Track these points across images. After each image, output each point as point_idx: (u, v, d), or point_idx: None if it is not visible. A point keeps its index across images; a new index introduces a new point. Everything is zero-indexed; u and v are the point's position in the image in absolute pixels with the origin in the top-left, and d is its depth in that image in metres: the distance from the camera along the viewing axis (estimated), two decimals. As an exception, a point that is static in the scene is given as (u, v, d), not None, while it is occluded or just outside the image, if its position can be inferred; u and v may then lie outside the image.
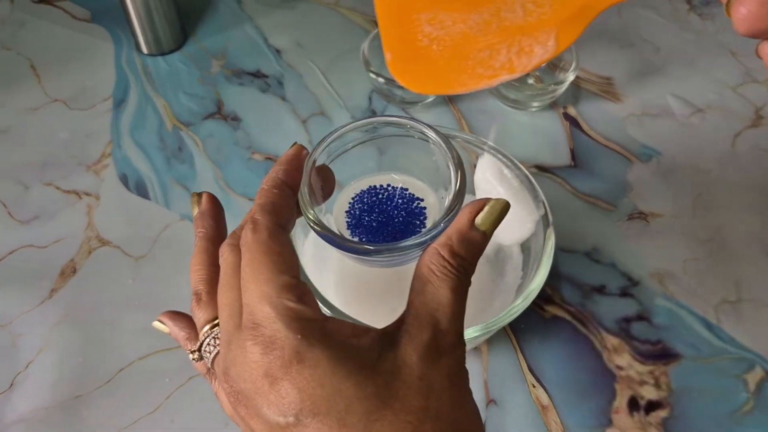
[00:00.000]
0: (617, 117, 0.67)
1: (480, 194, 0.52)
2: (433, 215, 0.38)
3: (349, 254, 0.35)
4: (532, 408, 0.50)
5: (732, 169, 0.63)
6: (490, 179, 0.50)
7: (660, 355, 0.52)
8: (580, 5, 0.28)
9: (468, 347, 0.52)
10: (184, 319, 0.35)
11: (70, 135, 0.67)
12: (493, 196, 0.50)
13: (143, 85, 0.71)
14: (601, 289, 0.56)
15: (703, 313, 0.54)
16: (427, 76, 0.32)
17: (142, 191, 0.62)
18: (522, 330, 0.53)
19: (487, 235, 0.31)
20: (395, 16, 0.30)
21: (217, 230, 0.35)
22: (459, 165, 0.35)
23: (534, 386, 0.51)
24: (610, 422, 0.49)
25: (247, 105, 0.68)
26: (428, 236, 0.32)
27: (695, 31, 0.76)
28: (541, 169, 0.63)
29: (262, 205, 0.31)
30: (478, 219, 0.31)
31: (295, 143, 0.35)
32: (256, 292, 0.28)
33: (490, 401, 0.50)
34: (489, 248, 0.53)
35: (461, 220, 0.31)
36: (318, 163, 0.36)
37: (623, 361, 0.52)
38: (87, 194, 0.62)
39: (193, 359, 0.33)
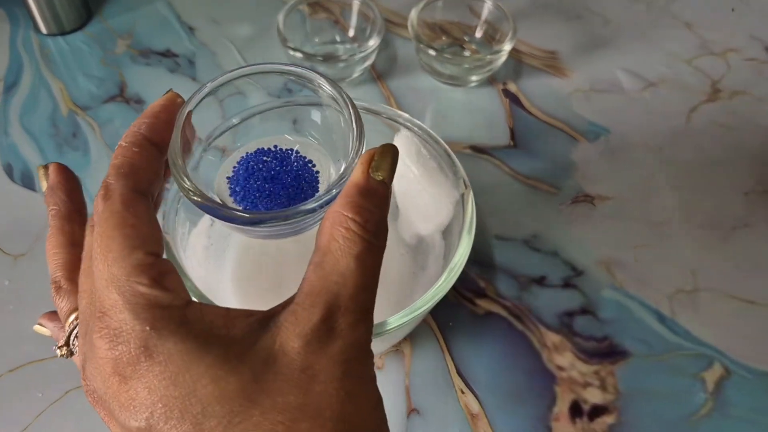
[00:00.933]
0: (562, 93, 0.61)
1: (396, 176, 0.46)
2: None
3: (233, 225, 0.29)
4: (460, 416, 0.43)
5: (687, 147, 0.57)
6: (404, 158, 0.44)
7: (606, 353, 0.46)
8: None
9: (385, 347, 0.45)
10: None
11: (-47, 122, 0.59)
12: (410, 178, 0.44)
13: (38, 67, 0.63)
14: (540, 281, 0.49)
15: (655, 304, 0.48)
16: None
17: (27, 182, 0.55)
18: (450, 328, 0.47)
19: (386, 184, 0.27)
20: None
21: (72, 205, 0.30)
22: (357, 119, 0.30)
23: (463, 392, 0.44)
24: (549, 430, 0.43)
25: (152, 86, 0.61)
26: (323, 199, 0.28)
27: (646, 2, 0.70)
28: (477, 149, 0.57)
29: (117, 166, 0.26)
30: (373, 167, 0.27)
31: (169, 90, 0.30)
32: (104, 275, 0.24)
33: (412, 410, 0.43)
34: (408, 238, 0.47)
35: (356, 173, 0.27)
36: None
37: (565, 360, 0.46)
38: (-36, 187, 0.55)
39: (61, 355, 0.28)
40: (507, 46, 0.58)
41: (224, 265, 0.46)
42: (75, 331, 0.27)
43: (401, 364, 0.45)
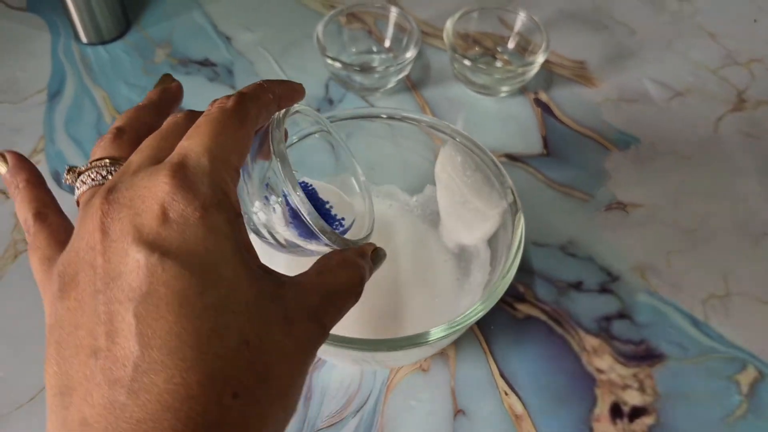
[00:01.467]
0: (592, 102, 0.63)
1: (440, 186, 0.48)
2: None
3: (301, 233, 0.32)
4: (504, 418, 0.45)
5: (715, 155, 0.59)
6: (450, 173, 0.46)
7: (644, 356, 0.48)
8: None
9: (432, 351, 0.47)
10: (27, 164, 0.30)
11: (-3, 129, 0.61)
12: (454, 190, 0.46)
13: (81, 76, 0.65)
14: (578, 286, 0.51)
15: (689, 309, 0.50)
16: None
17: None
18: (492, 332, 0.48)
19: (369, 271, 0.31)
20: None
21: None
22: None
23: (506, 394, 0.46)
24: (591, 431, 0.44)
25: (193, 95, 0.63)
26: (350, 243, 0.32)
27: (671, 13, 0.72)
28: (512, 158, 0.59)
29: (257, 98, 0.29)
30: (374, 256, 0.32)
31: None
32: (204, 143, 0.25)
33: (459, 411, 0.45)
34: (451, 247, 0.48)
35: (367, 248, 0.32)
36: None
37: (604, 363, 0.47)
38: (14, 193, 0.56)
39: (66, 180, 0.29)
40: (540, 58, 0.59)
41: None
42: (97, 170, 0.27)
43: (446, 366, 0.47)
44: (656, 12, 0.72)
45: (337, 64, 0.60)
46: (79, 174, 0.28)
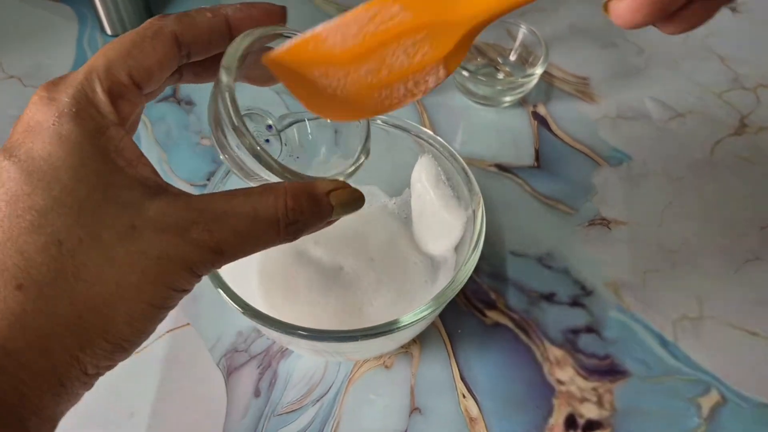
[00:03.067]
0: (590, 118, 0.63)
1: (414, 194, 0.49)
2: None
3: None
4: (459, 419, 0.46)
5: (708, 178, 0.59)
6: (425, 183, 0.47)
7: (607, 371, 0.48)
8: (456, 40, 0.29)
9: (395, 346, 0.48)
10: None
11: (20, 112, 0.65)
12: (426, 200, 0.47)
13: (102, 65, 0.69)
14: (549, 297, 0.52)
15: (659, 328, 0.50)
16: (342, 111, 0.31)
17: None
18: (459, 336, 0.50)
19: (331, 211, 0.29)
20: (293, 77, 0.30)
21: None
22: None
23: (464, 396, 0.47)
24: (543, 440, 0.45)
25: (204, 89, 0.66)
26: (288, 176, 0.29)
27: (683, 34, 0.71)
28: (502, 168, 0.60)
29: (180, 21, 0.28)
30: (336, 194, 0.29)
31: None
32: (96, 57, 0.27)
33: (415, 409, 0.46)
34: (421, 257, 0.50)
35: (323, 184, 0.29)
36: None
37: (565, 375, 0.48)
38: (27, 171, 0.60)
39: None
40: (538, 70, 0.60)
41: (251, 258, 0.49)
42: None
43: (409, 365, 0.48)
44: (668, 32, 0.71)
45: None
46: None
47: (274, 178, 0.29)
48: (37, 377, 0.23)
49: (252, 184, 0.30)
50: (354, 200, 0.29)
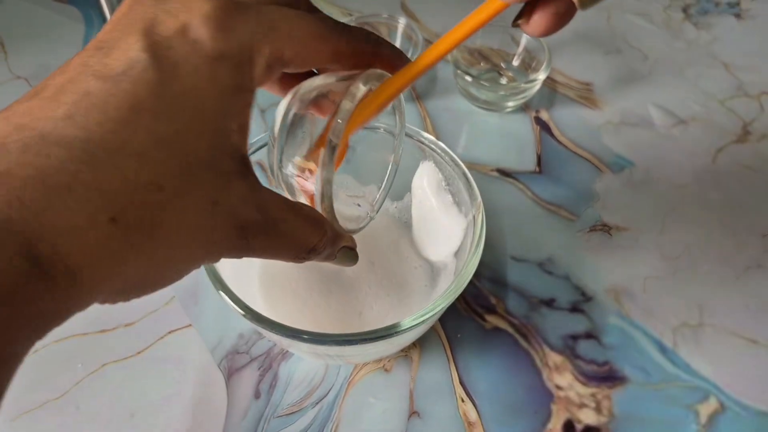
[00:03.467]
0: (593, 124, 0.63)
1: (415, 200, 0.50)
2: None
3: None
4: (457, 423, 0.46)
5: (710, 185, 0.59)
6: (426, 189, 0.48)
7: (605, 377, 0.48)
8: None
9: (395, 350, 0.48)
10: None
11: (27, 112, 0.65)
12: (426, 206, 0.48)
13: (108, 67, 0.69)
14: (549, 303, 0.52)
15: (659, 335, 0.50)
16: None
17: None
18: (458, 340, 0.50)
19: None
20: None
21: None
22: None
23: (463, 400, 0.47)
24: (541, 445, 0.45)
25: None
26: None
27: (687, 41, 0.71)
28: (503, 173, 0.60)
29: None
30: (343, 252, 0.32)
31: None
32: (279, 10, 0.25)
33: (414, 413, 0.47)
34: (421, 261, 0.50)
35: (346, 239, 0.31)
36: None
37: (564, 380, 0.48)
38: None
39: None
40: (541, 75, 0.60)
41: (252, 261, 0.50)
42: None
43: (408, 368, 0.48)
44: (672, 39, 0.72)
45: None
46: None
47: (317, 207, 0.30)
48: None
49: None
50: (350, 259, 0.32)
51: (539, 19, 0.31)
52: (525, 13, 0.31)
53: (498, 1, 0.30)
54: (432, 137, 0.47)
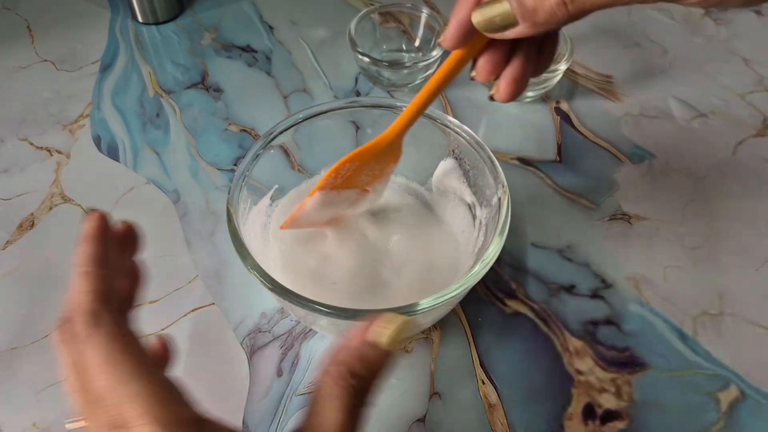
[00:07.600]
0: (612, 116, 0.64)
1: (434, 193, 0.51)
2: None
3: None
4: (478, 405, 0.46)
5: (730, 178, 0.59)
6: (447, 186, 0.50)
7: (626, 363, 0.48)
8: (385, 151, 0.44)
9: (415, 331, 0.49)
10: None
11: (52, 95, 0.66)
12: (448, 195, 0.48)
13: (132, 52, 0.70)
14: (570, 289, 0.52)
15: (679, 323, 0.50)
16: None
17: (113, 153, 0.61)
18: (479, 323, 0.50)
19: (389, 352, 0.30)
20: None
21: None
22: None
23: (483, 383, 0.47)
24: (561, 428, 0.45)
25: (231, 77, 0.67)
26: None
27: (707, 36, 0.72)
28: (524, 161, 0.60)
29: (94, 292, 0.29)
30: (380, 336, 0.30)
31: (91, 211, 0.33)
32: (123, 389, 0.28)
33: (434, 394, 0.47)
34: (446, 242, 0.51)
35: (355, 337, 0.30)
36: None
37: (584, 365, 0.48)
38: (58, 152, 0.61)
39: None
40: (562, 66, 0.61)
41: (269, 247, 0.50)
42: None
43: (429, 350, 0.49)
44: (692, 33, 0.72)
45: (366, 59, 0.62)
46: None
47: None
48: None
49: None
50: (402, 329, 0.31)
51: (506, 87, 0.36)
52: (494, 84, 0.36)
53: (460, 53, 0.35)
54: (457, 121, 0.48)
